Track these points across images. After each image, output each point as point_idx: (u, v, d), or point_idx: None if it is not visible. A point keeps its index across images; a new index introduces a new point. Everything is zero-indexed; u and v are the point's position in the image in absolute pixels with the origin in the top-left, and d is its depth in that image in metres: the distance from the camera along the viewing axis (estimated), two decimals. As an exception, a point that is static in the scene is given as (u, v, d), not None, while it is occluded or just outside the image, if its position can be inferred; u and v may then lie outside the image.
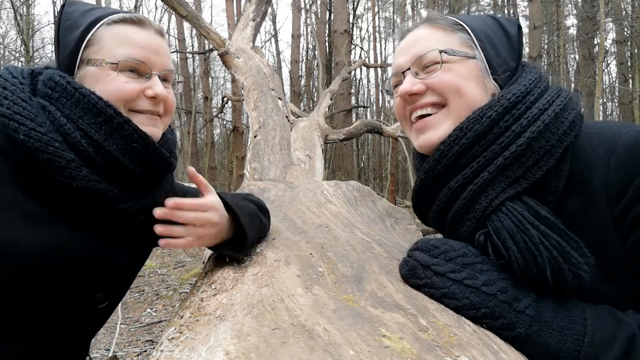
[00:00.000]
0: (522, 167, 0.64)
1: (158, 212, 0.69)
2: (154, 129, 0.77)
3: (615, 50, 11.59)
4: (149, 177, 0.77)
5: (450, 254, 0.66)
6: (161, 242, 0.71)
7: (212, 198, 0.77)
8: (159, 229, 0.70)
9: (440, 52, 0.72)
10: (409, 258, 0.70)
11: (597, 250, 0.61)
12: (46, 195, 0.68)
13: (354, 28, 14.51)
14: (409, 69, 0.75)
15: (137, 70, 0.75)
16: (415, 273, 0.67)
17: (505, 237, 0.62)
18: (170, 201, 0.70)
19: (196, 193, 1.01)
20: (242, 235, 0.78)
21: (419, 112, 0.75)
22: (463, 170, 0.68)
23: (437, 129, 0.72)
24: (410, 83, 0.74)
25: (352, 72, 8.91)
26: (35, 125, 0.66)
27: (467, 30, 0.74)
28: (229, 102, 9.61)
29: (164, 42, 0.80)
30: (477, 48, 0.73)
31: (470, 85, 0.71)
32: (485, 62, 0.72)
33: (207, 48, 9.75)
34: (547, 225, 0.61)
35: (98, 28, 0.74)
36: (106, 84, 0.72)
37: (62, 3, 0.80)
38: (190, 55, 13.45)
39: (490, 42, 0.74)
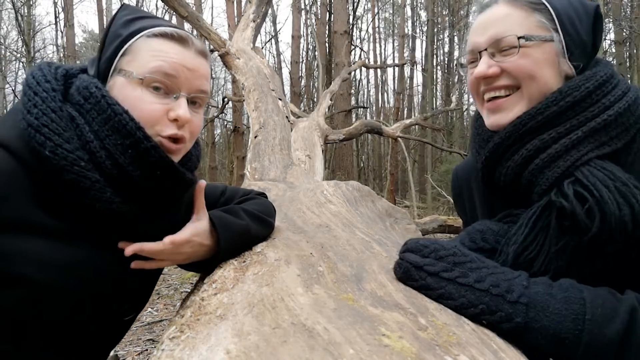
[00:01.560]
0: (608, 135, 0.71)
1: (129, 250, 0.70)
2: (173, 157, 0.73)
3: (614, 50, 11.59)
4: (171, 197, 0.76)
5: (440, 252, 0.67)
6: (133, 264, 0.73)
7: (194, 229, 0.77)
8: (128, 250, 0.71)
9: (519, 38, 0.72)
10: (401, 260, 0.70)
11: None
12: (68, 212, 0.66)
13: (354, 29, 14.52)
14: (485, 49, 0.76)
15: (165, 88, 0.71)
16: (410, 275, 0.67)
17: (595, 182, 0.66)
18: (138, 247, 0.71)
19: (209, 189, 0.98)
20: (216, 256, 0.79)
21: (492, 94, 0.77)
22: (556, 127, 0.72)
23: (509, 112, 0.75)
24: (486, 65, 0.75)
25: (352, 73, 8.91)
26: (62, 142, 0.63)
27: (548, 10, 0.74)
28: (230, 102, 9.61)
29: (204, 63, 0.76)
30: (557, 30, 0.74)
31: (544, 70, 0.73)
32: (564, 44, 0.74)
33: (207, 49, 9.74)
34: (633, 180, 0.66)
35: (137, 39, 0.71)
36: (131, 100, 0.69)
37: (119, 6, 0.78)
38: (191, 56, 13.40)
39: (572, 22, 0.75)
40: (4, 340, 0.65)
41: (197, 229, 0.77)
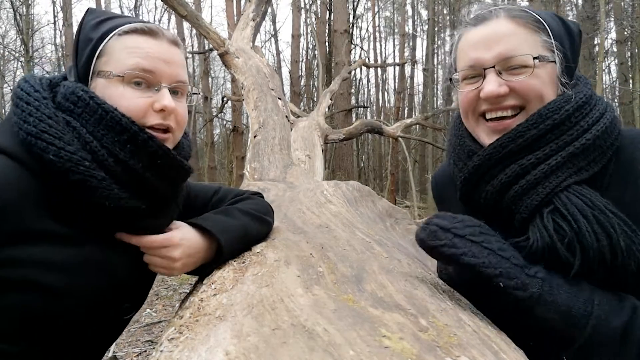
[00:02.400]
0: (586, 159, 0.70)
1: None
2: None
3: (616, 50, 11.59)
4: (172, 189, 0.78)
5: (468, 222, 0.70)
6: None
7: (174, 234, 0.77)
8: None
9: (534, 58, 0.71)
10: (427, 224, 0.72)
11: None
12: (74, 216, 0.67)
13: (354, 28, 14.51)
14: (493, 66, 0.73)
15: (145, 82, 0.73)
16: (436, 235, 0.70)
17: (573, 211, 0.66)
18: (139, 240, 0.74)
19: (201, 189, 1.01)
20: (218, 258, 0.79)
21: (498, 114, 0.75)
22: (536, 152, 0.71)
23: None
24: (496, 84, 0.73)
25: (352, 72, 8.91)
26: (64, 145, 0.64)
27: (547, 31, 0.74)
28: (229, 102, 9.62)
29: (178, 52, 0.78)
30: (556, 52, 0.73)
31: (549, 90, 0.73)
32: (561, 66, 0.74)
33: (207, 48, 9.75)
34: (612, 206, 0.66)
35: (109, 39, 0.72)
36: (115, 98, 0.70)
37: (85, 10, 0.79)
38: (190, 55, 13.46)
39: (562, 43, 0.74)
40: (5, 341, 0.65)
41: (182, 235, 0.78)
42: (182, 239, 0.77)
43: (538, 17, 0.75)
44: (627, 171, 0.70)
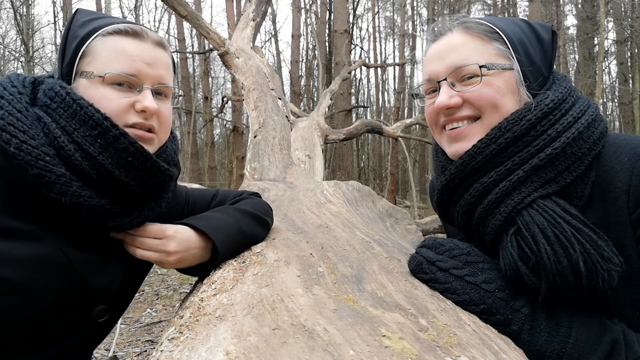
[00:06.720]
0: (554, 170, 0.66)
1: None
2: (147, 147, 0.73)
3: (615, 50, 11.59)
4: (147, 190, 0.76)
5: (455, 251, 0.69)
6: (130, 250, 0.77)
7: (167, 227, 0.78)
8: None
9: (481, 67, 0.70)
10: (416, 254, 0.73)
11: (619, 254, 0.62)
12: (38, 211, 0.66)
13: (354, 28, 14.52)
14: (445, 79, 0.74)
15: (128, 83, 0.72)
16: (422, 268, 0.70)
17: (535, 230, 0.63)
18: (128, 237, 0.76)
19: (200, 195, 1.00)
20: (215, 257, 0.79)
21: (454, 125, 0.75)
22: (497, 168, 0.69)
23: (470, 140, 0.72)
24: (447, 96, 0.73)
25: (352, 72, 8.90)
26: (27, 138, 0.64)
27: (503, 39, 0.72)
28: (229, 102, 9.61)
29: (162, 54, 0.77)
30: (513, 58, 0.72)
31: (506, 98, 0.71)
32: (521, 72, 0.72)
33: (207, 48, 9.75)
34: (579, 220, 0.63)
35: (93, 39, 0.72)
36: (96, 99, 0.70)
37: (74, 11, 0.79)
38: (190, 55, 13.46)
39: (525, 50, 0.73)
40: None
41: (176, 229, 0.78)
42: (176, 232, 0.77)
43: (492, 26, 0.74)
44: (607, 187, 0.66)
